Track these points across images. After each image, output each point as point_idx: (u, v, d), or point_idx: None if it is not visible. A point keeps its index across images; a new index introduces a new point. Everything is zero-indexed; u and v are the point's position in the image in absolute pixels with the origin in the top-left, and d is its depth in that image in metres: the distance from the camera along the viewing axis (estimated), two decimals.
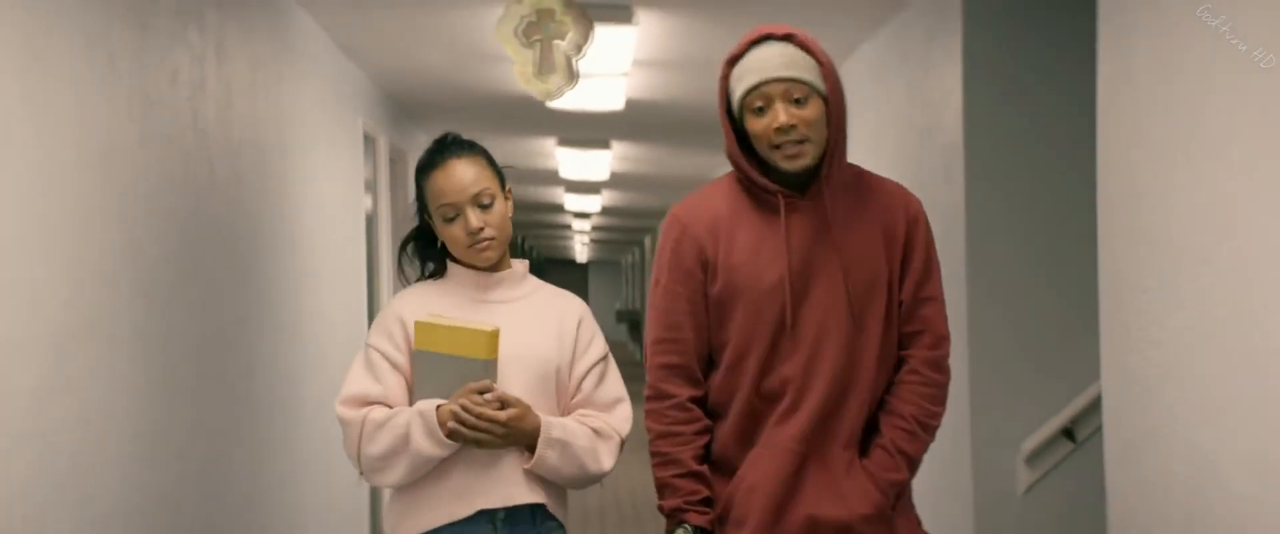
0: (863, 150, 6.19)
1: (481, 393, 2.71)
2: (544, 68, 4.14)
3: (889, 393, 2.80)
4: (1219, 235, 2.83)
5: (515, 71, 4.20)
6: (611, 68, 6.35)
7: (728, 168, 2.85)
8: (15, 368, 2.75)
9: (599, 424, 2.86)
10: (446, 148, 2.87)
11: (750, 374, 2.77)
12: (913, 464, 2.78)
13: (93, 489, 3.14)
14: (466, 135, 2.92)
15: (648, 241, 24.86)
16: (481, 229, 2.81)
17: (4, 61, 2.72)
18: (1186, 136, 2.97)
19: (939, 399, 2.79)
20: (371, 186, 7.45)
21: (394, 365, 2.83)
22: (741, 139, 2.78)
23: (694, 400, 2.82)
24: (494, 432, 2.71)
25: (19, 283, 2.77)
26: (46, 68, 2.93)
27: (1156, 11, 3.10)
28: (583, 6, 4.21)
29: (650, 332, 2.87)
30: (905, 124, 5.46)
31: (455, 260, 2.92)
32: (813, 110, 2.67)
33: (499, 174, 2.90)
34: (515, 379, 2.80)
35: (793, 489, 2.72)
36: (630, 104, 7.93)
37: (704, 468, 2.79)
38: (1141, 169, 3.18)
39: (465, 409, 2.70)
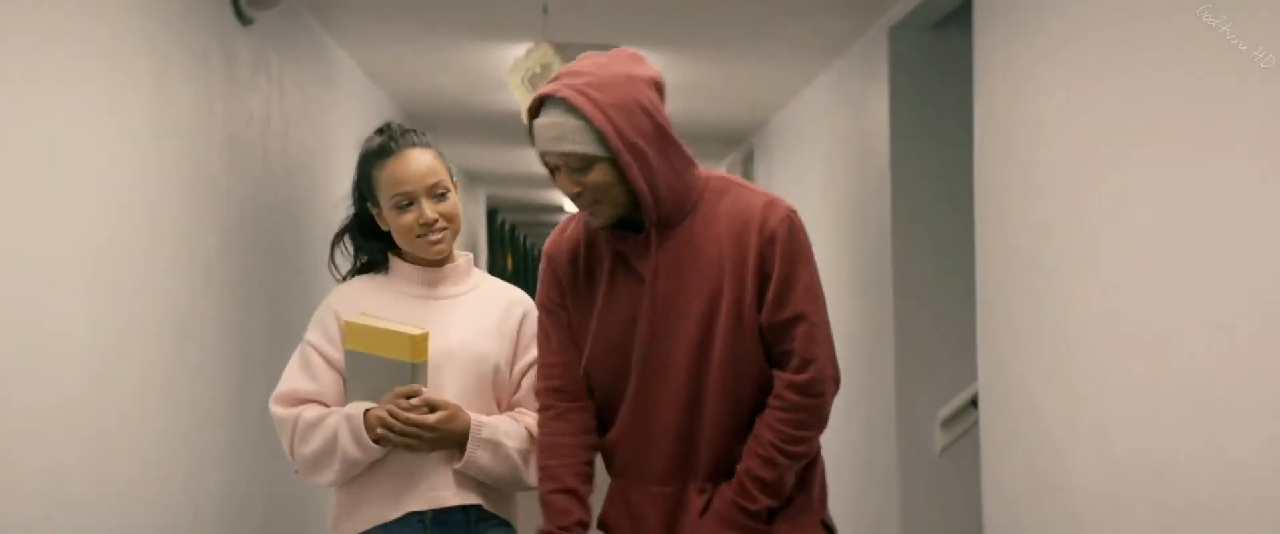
0: (818, 167, 7.18)
1: (410, 397, 2.63)
2: None
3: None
4: (1042, 245, 3.81)
5: (523, 112, 5.13)
6: None
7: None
8: (153, 350, 3.71)
9: (532, 422, 2.78)
10: (401, 136, 2.78)
11: (606, 409, 2.73)
12: (769, 489, 2.63)
13: (204, 439, 4.11)
14: (476, 144, 3.04)
15: None
16: (436, 220, 2.74)
17: (140, 119, 3.67)
18: (1025, 168, 3.94)
19: (804, 423, 2.63)
20: None
21: (329, 362, 2.77)
22: None
23: (575, 413, 2.73)
24: (422, 437, 2.64)
25: (154, 286, 3.73)
26: (169, 121, 3.89)
27: (1009, 77, 4.08)
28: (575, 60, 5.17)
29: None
30: (848, 148, 6.44)
31: (398, 254, 2.86)
32: (598, 174, 2.55)
33: (448, 166, 2.84)
34: (450, 378, 2.72)
35: None
36: None
37: (582, 486, 2.70)
38: (1001, 192, 4.16)
39: (392, 414, 2.62)
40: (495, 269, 18.45)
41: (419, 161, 2.74)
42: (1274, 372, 2.62)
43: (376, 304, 2.77)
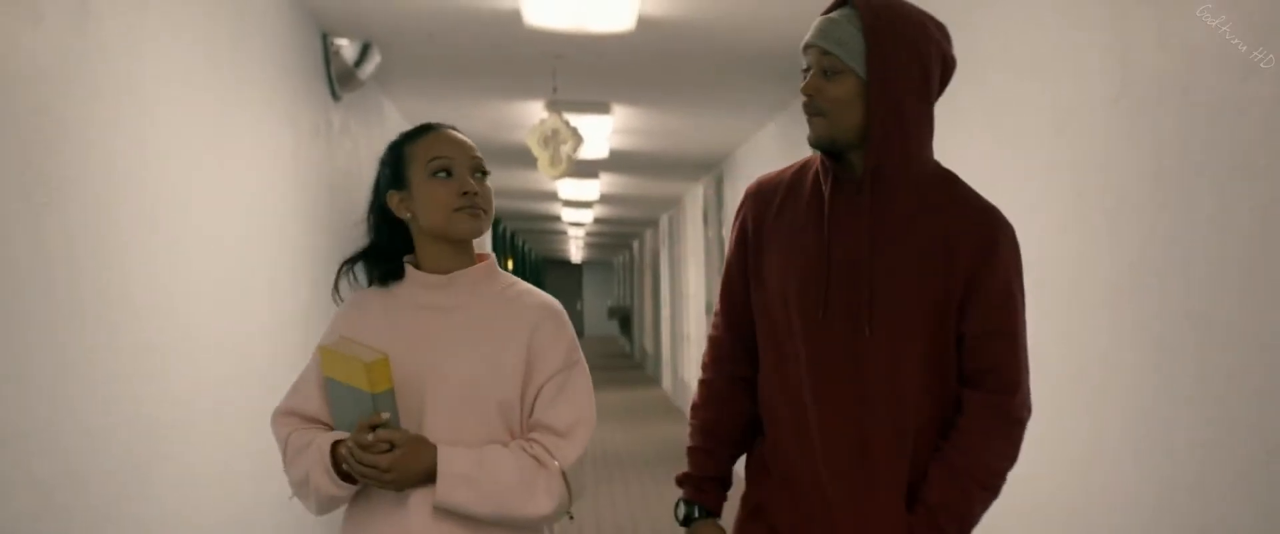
0: None
1: (374, 428, 2.35)
2: (554, 161, 6.80)
3: (946, 438, 2.43)
4: None
5: (538, 165, 6.86)
6: (598, 136, 9.12)
7: (681, 194, 3.55)
8: (289, 331, 5.42)
9: (540, 452, 2.43)
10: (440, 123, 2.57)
11: (770, 364, 2.50)
12: (961, 522, 2.40)
13: None
14: (490, 163, 2.65)
15: (636, 245, 26.95)
16: (476, 193, 2.47)
17: (283, 177, 5.39)
18: None
19: (1004, 453, 2.42)
20: None
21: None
22: None
23: (731, 377, 2.55)
24: (381, 478, 2.36)
25: (297, 293, 5.45)
26: (300, 176, 5.62)
27: None
28: (575, 128, 6.89)
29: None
30: None
31: (413, 260, 2.59)
32: (840, 88, 2.37)
33: None
34: (434, 400, 2.45)
35: None
36: (613, 153, 10.71)
37: (719, 445, 2.54)
38: None
39: (351, 452, 2.37)
40: None
41: (462, 137, 2.53)
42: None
43: (378, 316, 2.54)
